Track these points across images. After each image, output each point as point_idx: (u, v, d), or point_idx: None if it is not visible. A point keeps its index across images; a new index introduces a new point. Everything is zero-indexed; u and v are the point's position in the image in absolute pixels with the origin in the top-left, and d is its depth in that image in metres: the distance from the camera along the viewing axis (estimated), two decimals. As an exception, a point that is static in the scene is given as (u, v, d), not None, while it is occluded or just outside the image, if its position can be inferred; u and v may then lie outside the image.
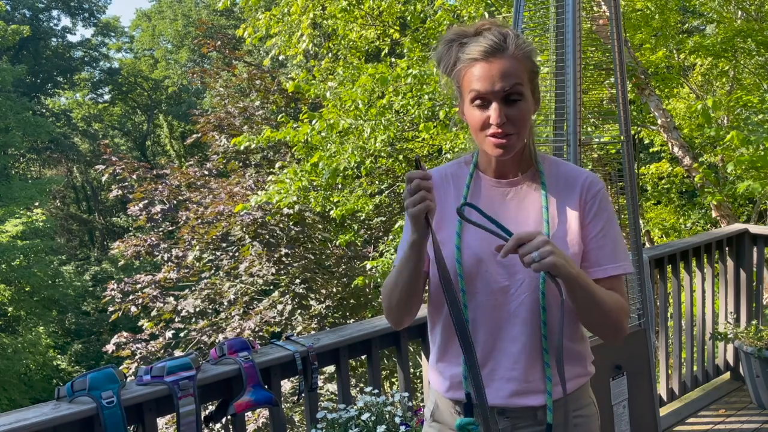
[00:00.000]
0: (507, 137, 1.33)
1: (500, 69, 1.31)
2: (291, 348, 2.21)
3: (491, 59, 1.32)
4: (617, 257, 1.41)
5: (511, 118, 1.32)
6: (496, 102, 1.31)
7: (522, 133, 1.35)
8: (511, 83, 1.30)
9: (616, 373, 2.64)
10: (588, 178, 1.44)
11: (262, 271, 8.09)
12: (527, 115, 1.34)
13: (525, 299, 1.38)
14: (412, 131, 7.12)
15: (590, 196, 1.42)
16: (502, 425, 1.42)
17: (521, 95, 1.32)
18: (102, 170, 8.88)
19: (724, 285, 3.88)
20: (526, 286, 1.37)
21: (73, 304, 19.95)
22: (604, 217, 1.42)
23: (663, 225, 8.21)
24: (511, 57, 1.32)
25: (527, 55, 1.34)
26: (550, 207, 1.41)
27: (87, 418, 1.83)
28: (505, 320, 1.40)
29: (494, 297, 1.39)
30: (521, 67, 1.32)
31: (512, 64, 1.31)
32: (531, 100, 1.35)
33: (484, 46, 1.31)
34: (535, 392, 1.40)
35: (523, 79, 1.32)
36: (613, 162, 2.75)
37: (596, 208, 1.41)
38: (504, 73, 1.31)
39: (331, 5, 7.24)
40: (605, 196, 1.44)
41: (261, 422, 6.93)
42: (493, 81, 1.31)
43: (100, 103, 29.53)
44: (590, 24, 3.10)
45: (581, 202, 1.41)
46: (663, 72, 7.25)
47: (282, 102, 9.86)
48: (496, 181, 1.45)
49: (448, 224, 1.44)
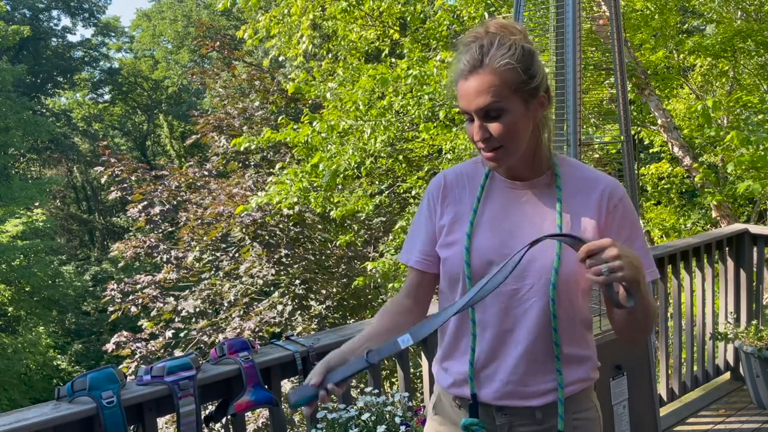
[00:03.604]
0: (494, 151, 1.32)
1: (476, 87, 1.29)
2: (291, 348, 2.21)
3: (468, 76, 1.30)
4: (647, 264, 1.38)
5: (494, 133, 1.30)
6: (477, 119, 1.31)
7: (511, 145, 1.32)
8: (486, 101, 1.28)
9: (616, 373, 2.65)
10: (609, 186, 1.40)
11: (262, 271, 8.09)
12: (514, 128, 1.30)
13: (533, 304, 1.37)
14: (412, 131, 7.12)
15: (612, 205, 1.38)
16: (499, 421, 1.43)
17: (501, 110, 1.29)
18: (101, 171, 8.88)
19: (724, 285, 3.87)
20: (535, 291, 1.36)
21: (73, 304, 19.95)
22: (628, 225, 1.39)
23: (663, 225, 8.20)
24: (487, 72, 1.28)
25: (507, 67, 1.28)
26: (564, 212, 1.38)
27: (87, 418, 1.83)
28: (512, 323, 1.39)
29: (502, 300, 1.39)
30: (500, 80, 1.28)
31: (488, 79, 1.28)
32: (520, 110, 1.31)
33: (463, 64, 1.30)
34: (534, 395, 1.40)
35: (502, 93, 1.28)
36: (613, 162, 2.75)
37: (619, 217, 1.38)
38: (479, 90, 1.28)
39: (331, 6, 7.24)
40: (627, 203, 1.40)
41: (261, 422, 6.93)
42: (469, 99, 1.30)
43: (100, 103, 29.53)
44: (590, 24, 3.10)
45: (601, 210, 1.38)
46: (663, 72, 7.26)
47: (282, 102, 9.86)
48: (511, 183, 1.43)
49: (461, 225, 1.44)
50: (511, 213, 1.41)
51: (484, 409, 1.43)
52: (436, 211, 1.49)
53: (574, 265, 1.34)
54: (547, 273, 1.35)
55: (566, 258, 1.35)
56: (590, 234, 1.37)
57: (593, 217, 1.37)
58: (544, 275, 1.35)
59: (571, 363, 1.42)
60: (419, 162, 7.91)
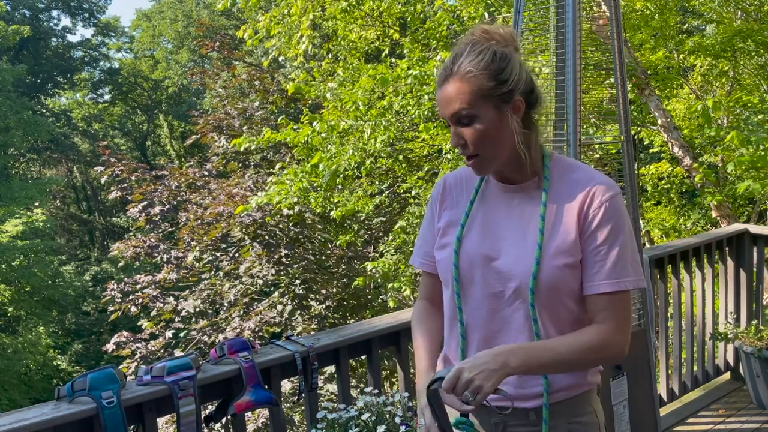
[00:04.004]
0: (471, 158, 1.35)
1: (445, 95, 1.33)
2: (291, 348, 2.21)
3: (442, 85, 1.34)
4: (619, 272, 1.33)
5: (468, 139, 1.33)
6: (452, 125, 1.34)
7: (486, 152, 1.33)
8: (454, 108, 1.31)
9: (616, 373, 2.65)
10: (594, 187, 1.36)
11: (262, 271, 8.08)
12: (485, 134, 1.31)
13: (519, 306, 1.37)
14: (412, 131, 7.12)
15: (594, 206, 1.35)
16: (494, 420, 1.44)
17: (471, 116, 1.31)
18: (101, 171, 8.87)
19: (724, 285, 3.87)
20: (519, 294, 1.37)
21: (73, 304, 19.95)
22: (607, 228, 1.34)
23: (663, 225, 8.20)
24: (457, 80, 1.31)
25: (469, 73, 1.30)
26: (548, 216, 1.37)
27: (87, 418, 1.83)
28: (500, 325, 1.40)
29: (489, 302, 1.40)
30: (468, 88, 1.30)
31: (456, 87, 1.31)
32: (491, 115, 1.31)
33: (439, 73, 1.35)
34: (528, 397, 1.41)
35: (470, 100, 1.30)
36: (613, 162, 2.75)
37: (599, 220, 1.34)
38: (447, 99, 1.32)
39: (331, 6, 7.24)
40: (614, 206, 1.35)
41: (261, 422, 6.92)
42: (442, 106, 1.34)
43: (100, 103, 29.52)
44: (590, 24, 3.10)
45: (582, 211, 1.35)
46: (663, 72, 7.25)
47: (282, 102, 9.86)
48: (504, 187, 1.44)
49: (454, 228, 1.46)
50: (501, 216, 1.42)
51: (479, 408, 1.44)
52: (436, 213, 1.52)
53: (554, 269, 1.33)
54: (527, 277, 1.35)
55: (546, 263, 1.34)
56: (572, 236, 1.35)
57: (576, 221, 1.36)
58: (525, 278, 1.35)
59: None
60: (419, 162, 7.91)
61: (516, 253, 1.37)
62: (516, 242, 1.38)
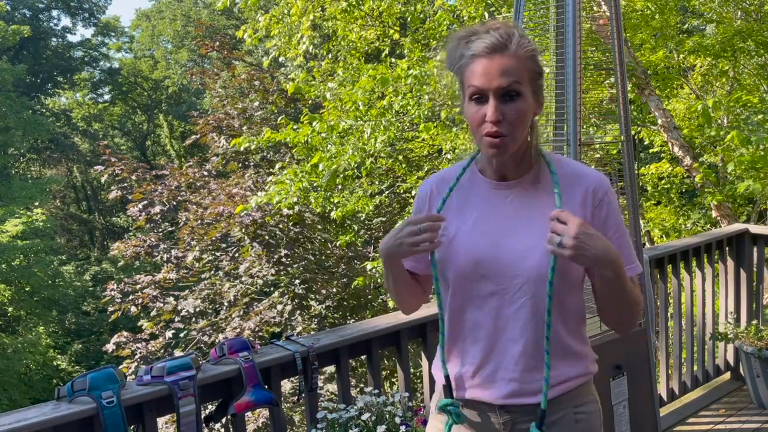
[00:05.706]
0: (501, 138, 1.32)
1: (500, 66, 1.31)
2: (291, 348, 2.21)
3: (492, 56, 1.32)
4: (632, 258, 1.42)
5: (507, 116, 1.31)
6: (493, 98, 1.31)
7: (517, 134, 1.34)
8: (509, 80, 1.30)
9: (616, 373, 2.65)
10: (594, 180, 1.42)
11: (261, 271, 8.08)
12: (524, 116, 1.33)
13: (525, 302, 1.38)
14: (412, 131, 7.12)
15: (598, 199, 1.41)
16: (503, 419, 1.44)
17: (519, 93, 1.31)
18: (101, 171, 8.87)
19: (725, 285, 3.87)
20: (526, 290, 1.38)
21: (73, 304, 19.95)
22: (613, 219, 1.42)
23: (663, 225, 8.19)
24: (512, 55, 1.32)
25: (530, 55, 1.33)
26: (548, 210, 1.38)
27: (87, 418, 1.83)
28: (505, 322, 1.40)
29: (493, 299, 1.40)
30: (522, 66, 1.32)
31: (513, 62, 1.31)
32: (531, 100, 1.34)
33: (486, 43, 1.32)
34: (536, 392, 1.41)
35: (522, 78, 1.32)
36: (613, 162, 2.75)
37: (605, 212, 1.41)
38: (503, 70, 1.31)
39: (331, 6, 7.23)
40: (612, 197, 1.43)
41: (261, 422, 6.92)
42: (491, 77, 1.31)
43: (100, 103, 29.51)
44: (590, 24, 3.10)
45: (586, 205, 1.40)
46: (663, 72, 7.25)
47: (281, 102, 9.86)
48: (496, 184, 1.45)
49: (445, 229, 1.46)
50: (499, 212, 1.42)
51: (486, 408, 1.44)
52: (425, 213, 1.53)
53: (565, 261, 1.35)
54: (537, 271, 1.36)
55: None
56: None
57: (579, 213, 1.39)
58: (535, 273, 1.36)
59: (570, 358, 1.44)
60: (419, 162, 7.91)
61: (520, 250, 1.38)
62: (519, 239, 1.39)
